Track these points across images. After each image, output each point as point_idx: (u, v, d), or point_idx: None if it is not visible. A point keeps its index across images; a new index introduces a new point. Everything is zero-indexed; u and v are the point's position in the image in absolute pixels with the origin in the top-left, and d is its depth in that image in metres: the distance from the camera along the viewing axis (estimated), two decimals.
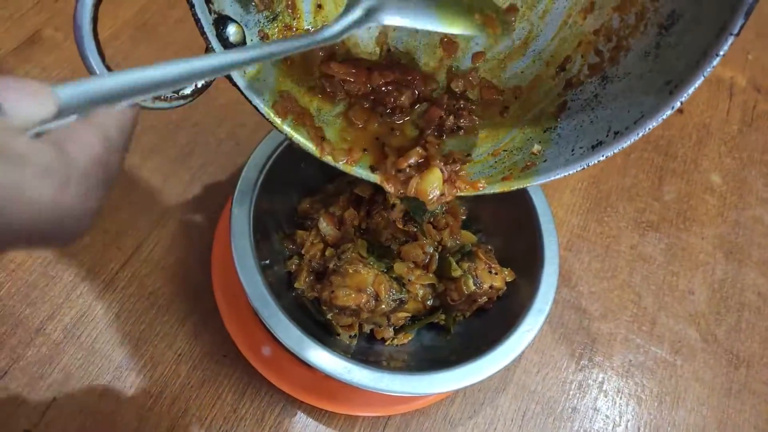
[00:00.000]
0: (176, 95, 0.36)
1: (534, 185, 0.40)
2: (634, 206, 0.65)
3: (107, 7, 0.63)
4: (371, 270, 0.45)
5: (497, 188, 0.41)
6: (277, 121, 0.38)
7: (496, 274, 0.48)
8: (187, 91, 0.36)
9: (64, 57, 0.60)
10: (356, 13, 0.31)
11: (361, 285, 0.45)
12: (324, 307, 0.46)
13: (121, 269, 0.51)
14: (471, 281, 0.47)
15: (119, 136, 0.24)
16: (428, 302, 0.49)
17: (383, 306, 0.45)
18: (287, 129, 0.39)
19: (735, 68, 0.81)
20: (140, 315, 0.49)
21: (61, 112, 0.21)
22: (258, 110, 0.38)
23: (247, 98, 0.37)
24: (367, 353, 0.48)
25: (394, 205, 0.49)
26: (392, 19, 0.31)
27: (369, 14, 0.31)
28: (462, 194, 0.41)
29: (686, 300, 0.60)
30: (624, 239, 0.63)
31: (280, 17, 0.39)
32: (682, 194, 0.68)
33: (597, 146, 0.37)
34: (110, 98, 0.22)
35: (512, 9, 0.40)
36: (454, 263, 0.47)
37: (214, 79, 0.31)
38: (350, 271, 0.45)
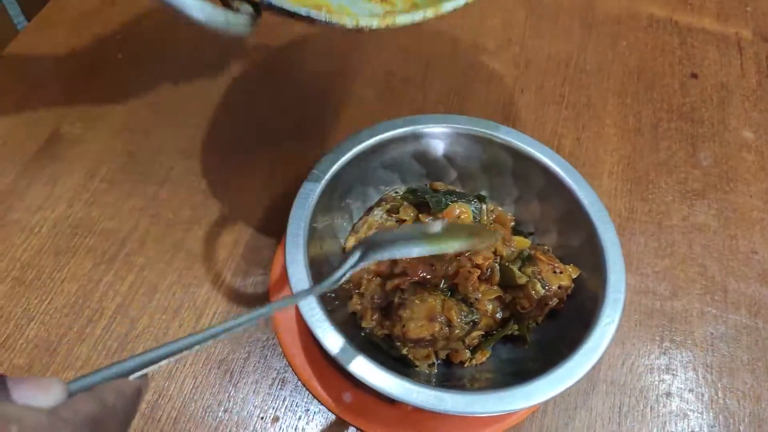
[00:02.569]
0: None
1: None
2: (675, 178, 0.64)
3: (117, 92, 0.64)
4: (437, 296, 0.45)
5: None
6: None
7: (561, 273, 0.47)
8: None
9: (86, 149, 0.60)
10: (354, 257, 0.37)
11: (431, 313, 0.44)
12: (398, 343, 0.45)
13: None
14: (539, 285, 0.46)
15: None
16: (498, 315, 0.48)
17: (457, 331, 0.44)
18: None
19: (737, 23, 0.80)
20: (215, 385, 0.48)
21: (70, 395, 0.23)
22: None
23: None
24: (449, 379, 0.47)
25: None
26: (384, 256, 0.37)
27: (364, 256, 0.37)
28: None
29: (751, 261, 0.59)
30: (674, 213, 0.61)
31: None
32: (719, 157, 0.66)
33: None
34: (118, 376, 0.25)
35: None
36: (517, 270, 0.46)
37: None
38: (416, 301, 0.44)
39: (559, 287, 0.46)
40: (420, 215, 0.51)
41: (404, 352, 0.45)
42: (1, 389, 0.21)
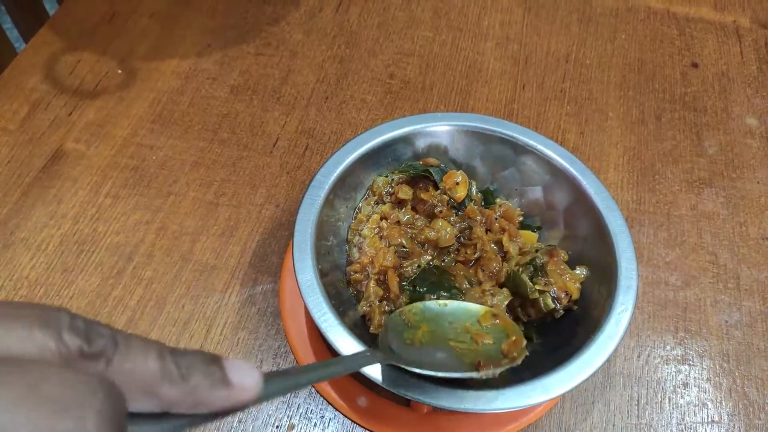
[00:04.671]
0: None
1: None
2: (681, 168, 0.64)
3: (119, 108, 0.64)
4: None
5: None
6: None
7: (569, 278, 0.46)
8: None
9: (90, 165, 0.60)
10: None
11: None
12: None
13: None
14: (550, 300, 0.45)
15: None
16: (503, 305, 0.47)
17: None
18: None
19: (734, 11, 0.80)
20: None
21: None
22: None
23: None
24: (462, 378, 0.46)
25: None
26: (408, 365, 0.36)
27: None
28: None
29: (762, 247, 0.58)
30: (681, 202, 0.61)
31: None
32: (723, 144, 0.66)
33: None
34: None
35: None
36: (529, 282, 0.45)
37: None
38: None
39: (569, 299, 0.46)
40: (417, 190, 0.50)
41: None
42: (219, 368, 0.20)
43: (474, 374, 0.38)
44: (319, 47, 0.72)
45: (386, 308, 0.47)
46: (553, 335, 0.46)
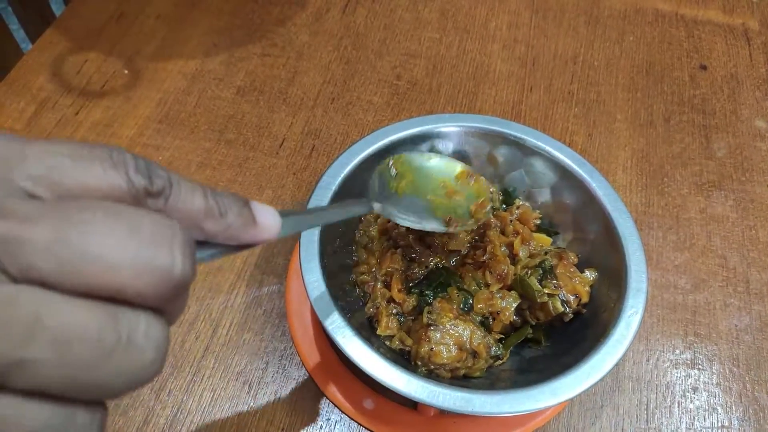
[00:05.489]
0: None
1: None
2: (690, 170, 0.63)
3: (126, 108, 0.64)
4: (467, 324, 0.43)
5: None
6: None
7: (578, 282, 0.46)
8: None
9: None
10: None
11: (461, 341, 0.42)
12: (418, 362, 0.43)
13: (203, 357, 0.49)
14: (559, 303, 0.44)
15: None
16: (513, 318, 0.47)
17: (482, 362, 0.43)
18: None
19: (743, 14, 0.79)
20: (234, 398, 0.48)
21: None
22: None
23: None
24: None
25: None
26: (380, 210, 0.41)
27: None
28: None
29: None
30: (690, 205, 0.61)
31: None
32: (732, 147, 0.66)
33: None
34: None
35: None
36: (537, 285, 0.45)
37: None
38: (447, 325, 0.43)
39: (579, 302, 0.45)
40: None
41: (421, 371, 0.44)
42: (249, 210, 0.23)
43: (443, 228, 0.43)
44: (325, 48, 0.72)
45: (393, 310, 0.46)
46: (562, 338, 0.46)
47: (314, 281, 0.42)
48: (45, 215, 0.17)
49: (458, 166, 0.47)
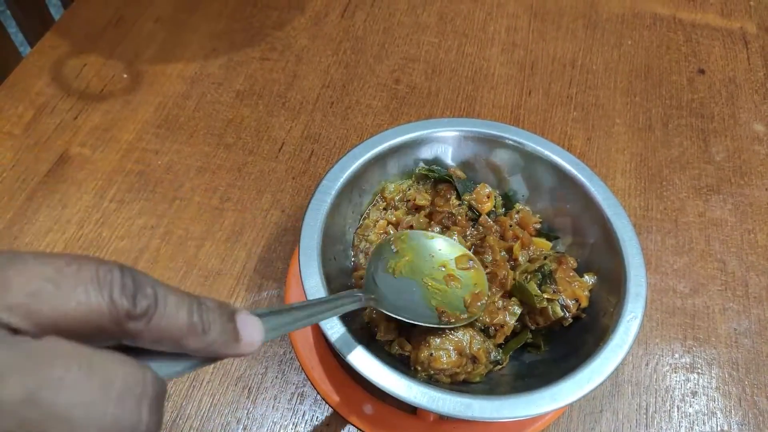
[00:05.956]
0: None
1: None
2: (689, 174, 0.63)
3: (125, 112, 0.64)
4: (467, 329, 0.43)
5: None
6: None
7: (578, 286, 0.45)
8: None
9: (95, 169, 0.60)
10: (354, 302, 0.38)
11: (461, 347, 0.42)
12: (418, 367, 0.43)
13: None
14: (558, 308, 0.44)
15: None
16: (512, 323, 0.46)
17: (481, 368, 0.43)
18: None
19: (740, 17, 0.80)
20: (233, 403, 0.48)
21: None
22: None
23: None
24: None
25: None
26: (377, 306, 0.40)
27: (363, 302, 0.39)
28: None
29: None
30: (689, 209, 0.61)
31: None
32: (731, 151, 0.66)
33: None
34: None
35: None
36: (536, 290, 0.45)
37: None
38: (447, 330, 0.43)
39: (578, 307, 0.45)
40: (437, 198, 0.50)
41: (420, 376, 0.44)
42: (233, 325, 0.23)
43: (435, 322, 0.41)
44: (324, 52, 0.72)
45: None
46: (562, 343, 0.46)
47: (314, 286, 0.42)
48: (15, 368, 0.17)
49: (459, 249, 0.46)
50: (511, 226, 0.49)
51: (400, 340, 0.45)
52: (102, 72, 0.68)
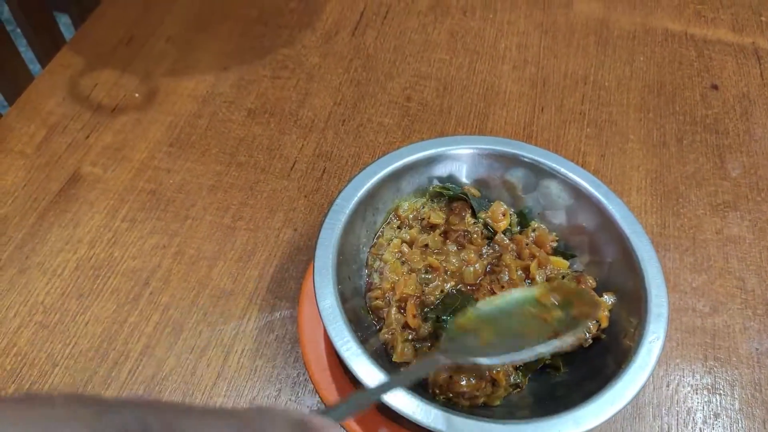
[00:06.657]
0: None
1: None
2: (705, 191, 0.63)
3: (136, 131, 0.64)
4: None
5: None
6: None
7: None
8: None
9: (106, 189, 0.60)
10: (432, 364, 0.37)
11: (481, 370, 0.42)
12: (436, 390, 0.43)
13: (215, 384, 0.49)
14: None
15: None
16: None
17: (501, 391, 0.43)
18: None
19: (752, 33, 0.79)
20: None
21: None
22: None
23: None
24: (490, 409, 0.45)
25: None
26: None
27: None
28: None
29: None
30: (706, 226, 0.60)
31: None
32: (747, 167, 0.65)
33: None
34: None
35: None
36: None
37: None
38: None
39: (598, 328, 0.44)
40: (451, 217, 0.49)
41: (439, 399, 0.43)
42: None
43: (556, 343, 0.37)
44: (335, 70, 0.72)
45: (409, 336, 0.46)
46: (582, 365, 0.45)
47: (329, 306, 0.41)
48: None
49: (533, 290, 0.42)
50: (527, 244, 0.49)
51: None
52: (113, 91, 0.68)
